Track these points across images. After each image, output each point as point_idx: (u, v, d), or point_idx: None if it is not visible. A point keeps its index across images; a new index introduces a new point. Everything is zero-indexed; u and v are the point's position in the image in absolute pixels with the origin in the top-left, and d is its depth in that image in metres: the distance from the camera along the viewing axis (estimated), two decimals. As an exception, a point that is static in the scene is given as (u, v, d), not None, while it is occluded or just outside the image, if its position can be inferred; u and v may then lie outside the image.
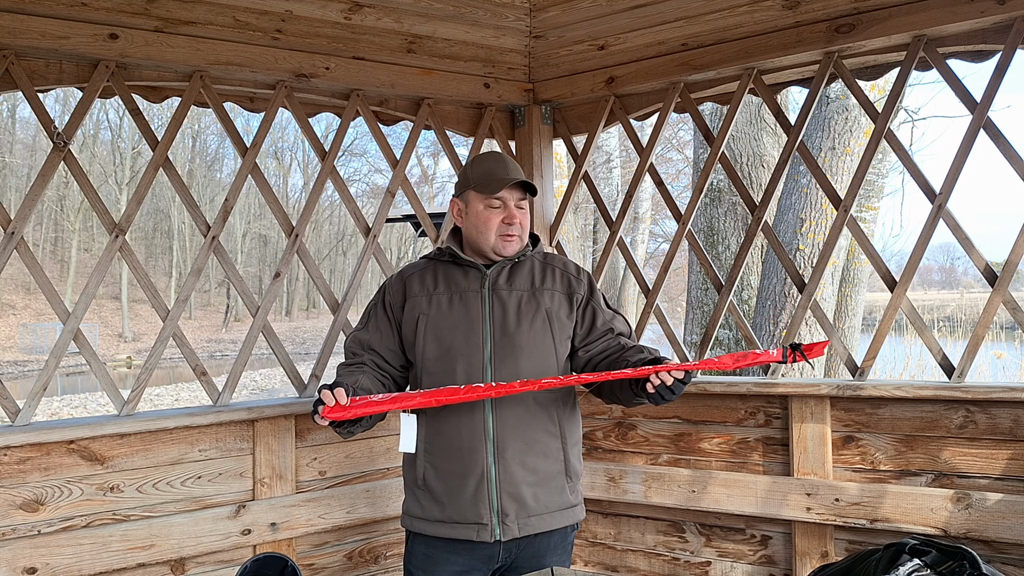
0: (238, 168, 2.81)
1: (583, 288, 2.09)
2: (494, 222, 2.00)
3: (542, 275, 2.07)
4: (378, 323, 2.08)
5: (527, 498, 1.95)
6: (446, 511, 1.96)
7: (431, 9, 2.94)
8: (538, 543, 1.99)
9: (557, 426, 2.01)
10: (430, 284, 2.05)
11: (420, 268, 2.11)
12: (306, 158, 41.56)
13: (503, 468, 1.93)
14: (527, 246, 2.09)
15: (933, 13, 2.46)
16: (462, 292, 2.01)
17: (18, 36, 2.37)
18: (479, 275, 2.04)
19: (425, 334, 1.99)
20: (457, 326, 1.98)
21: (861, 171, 2.69)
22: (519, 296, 2.02)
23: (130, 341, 31.19)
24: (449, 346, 1.97)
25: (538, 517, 1.96)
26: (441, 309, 2.01)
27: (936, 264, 63.21)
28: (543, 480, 1.98)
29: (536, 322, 1.99)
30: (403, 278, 2.10)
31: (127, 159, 34.17)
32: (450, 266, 2.07)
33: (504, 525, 1.93)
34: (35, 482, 2.35)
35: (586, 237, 14.81)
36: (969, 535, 2.39)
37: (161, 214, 38.26)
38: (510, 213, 2.00)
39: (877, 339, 2.66)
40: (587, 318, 2.07)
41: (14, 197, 30.10)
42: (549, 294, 2.04)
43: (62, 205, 35.42)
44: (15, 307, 31.07)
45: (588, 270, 2.22)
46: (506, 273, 2.05)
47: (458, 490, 1.94)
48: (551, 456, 1.99)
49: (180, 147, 37.16)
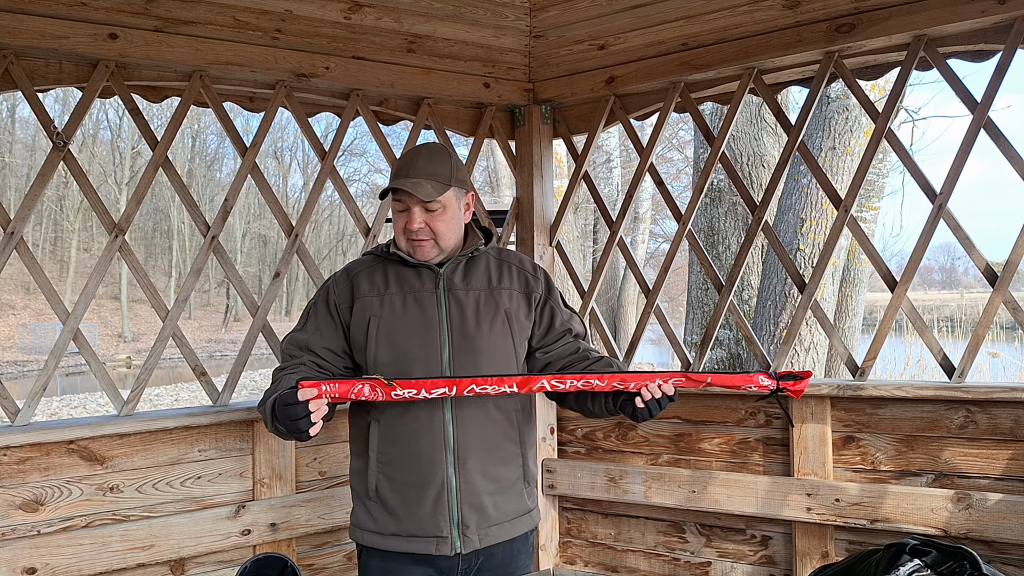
0: (238, 168, 2.81)
1: (541, 287, 2.00)
2: (399, 225, 1.89)
3: (499, 273, 1.97)
4: (319, 323, 1.94)
5: (488, 508, 1.87)
6: (402, 524, 1.86)
7: (431, 9, 2.94)
8: (500, 551, 1.92)
9: (517, 431, 1.94)
10: (380, 284, 1.92)
11: (368, 266, 1.98)
12: (306, 158, 41.60)
13: (464, 478, 1.84)
14: (478, 240, 1.97)
15: (933, 13, 2.46)
16: (416, 293, 1.90)
17: (18, 36, 2.37)
18: (432, 275, 1.92)
19: (377, 337, 1.87)
20: (412, 329, 1.87)
21: (861, 171, 2.69)
22: (477, 296, 1.92)
23: (130, 341, 31.19)
24: (405, 350, 1.85)
25: (499, 526, 1.89)
26: (395, 311, 1.89)
27: (936, 264, 63.25)
28: (503, 488, 1.90)
29: (496, 324, 1.90)
30: (349, 276, 1.97)
31: (127, 159, 34.17)
32: (400, 266, 1.94)
33: (465, 537, 1.84)
34: (35, 482, 2.35)
35: (586, 237, 14.81)
36: (969, 535, 2.39)
37: (161, 214, 38.25)
38: (410, 217, 1.85)
39: (877, 339, 2.65)
40: (545, 318, 1.99)
41: (14, 197, 30.09)
42: (507, 293, 1.95)
43: (62, 205, 35.41)
44: (15, 307, 31.06)
45: (544, 267, 2.14)
46: (461, 271, 1.94)
47: (416, 502, 1.84)
48: (511, 463, 1.92)
49: (180, 147, 37.17)
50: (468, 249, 1.95)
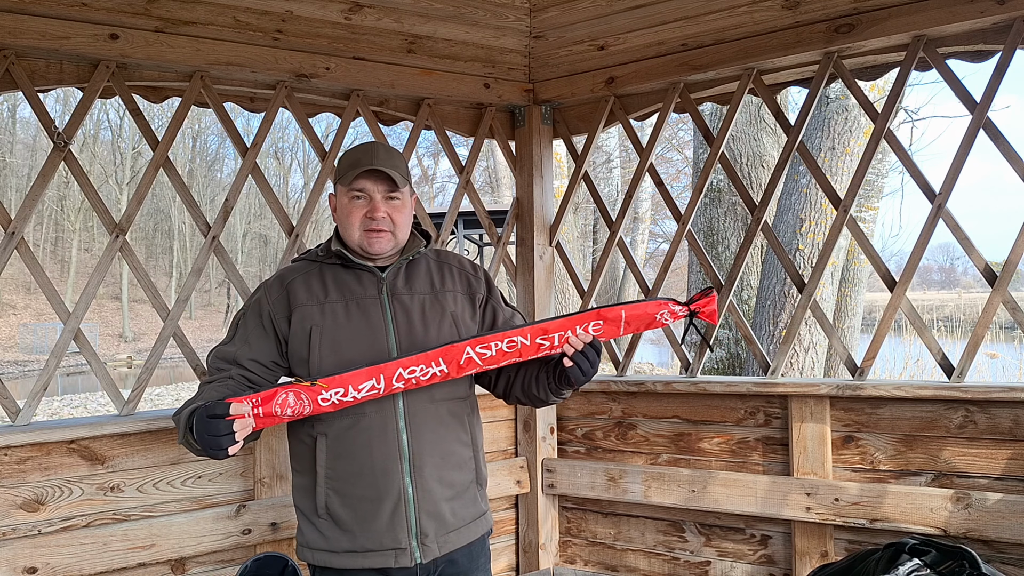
0: (238, 168, 2.81)
1: (482, 287, 1.98)
2: (357, 216, 1.82)
3: (440, 275, 1.94)
4: (248, 335, 1.86)
5: (446, 514, 1.83)
6: (357, 540, 1.79)
7: (431, 9, 2.95)
8: (459, 556, 1.88)
9: (469, 434, 1.91)
10: (319, 291, 1.85)
11: (303, 272, 1.90)
12: (306, 158, 41.62)
13: (421, 487, 1.79)
14: (419, 243, 1.94)
15: (933, 13, 2.46)
16: (359, 299, 1.84)
17: (19, 36, 2.37)
18: (374, 279, 1.87)
19: (321, 347, 1.79)
20: (357, 336, 1.81)
21: (861, 171, 2.70)
22: (421, 300, 1.87)
23: (130, 341, 31.20)
24: (351, 359, 1.77)
25: (456, 532, 1.85)
26: (337, 319, 1.82)
27: (936, 264, 63.26)
28: (459, 493, 1.87)
29: (443, 327, 1.86)
30: (284, 284, 1.88)
31: (127, 159, 34.18)
32: (338, 269, 1.88)
33: (424, 547, 1.80)
34: (35, 482, 2.35)
35: (586, 237, 14.82)
36: (969, 535, 2.39)
37: (161, 214, 38.26)
38: (373, 206, 1.80)
39: (877, 339, 2.66)
40: (488, 317, 1.97)
41: (14, 197, 30.10)
42: (451, 296, 1.91)
43: (62, 205, 35.42)
44: (15, 307, 31.07)
45: (485, 267, 2.09)
46: (403, 275, 1.90)
47: (371, 516, 1.78)
48: (465, 467, 1.89)
49: (180, 147, 37.18)
50: (411, 252, 1.91)
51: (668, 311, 1.86)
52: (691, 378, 2.92)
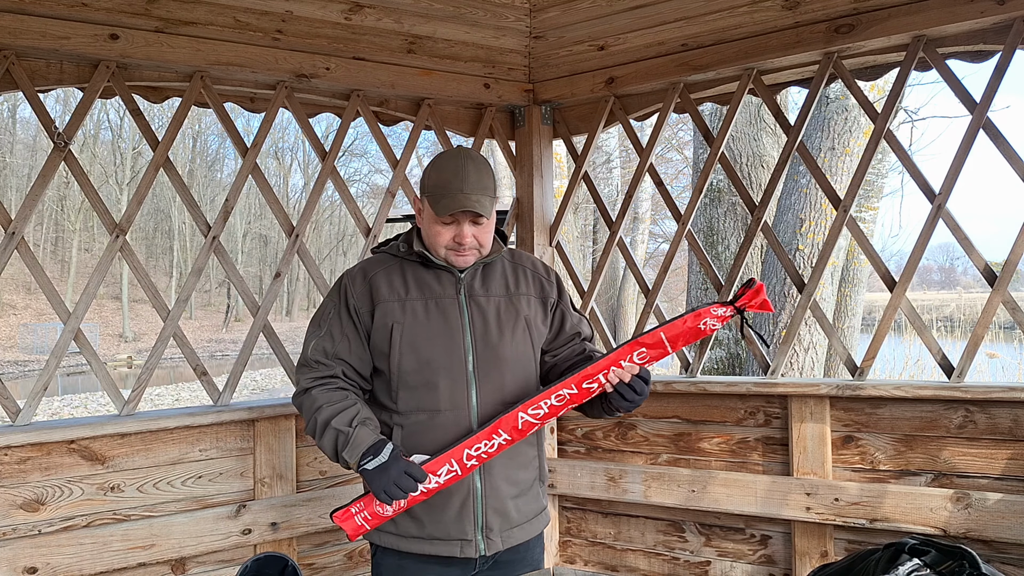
0: (238, 168, 2.81)
1: (554, 291, 2.01)
2: (444, 237, 1.85)
3: (515, 278, 1.97)
4: (343, 330, 1.90)
5: (511, 511, 1.90)
6: (425, 529, 1.87)
7: (431, 9, 2.95)
8: (517, 547, 1.95)
9: (535, 435, 1.95)
10: (400, 288, 1.89)
11: (385, 266, 1.94)
12: (306, 158, 41.62)
13: (489, 484, 1.86)
14: (498, 246, 1.97)
15: (933, 13, 2.46)
16: (437, 298, 1.88)
17: (19, 36, 2.37)
18: (452, 279, 1.90)
19: (401, 345, 1.84)
20: (436, 336, 1.85)
21: (861, 171, 2.70)
22: (497, 303, 1.91)
23: (131, 341, 31.20)
24: (429, 358, 1.84)
25: (519, 527, 1.93)
26: (417, 317, 1.86)
27: (936, 264, 63.26)
28: (523, 491, 1.94)
29: (517, 331, 1.90)
30: (367, 278, 1.92)
31: (127, 159, 34.18)
32: (418, 267, 1.92)
33: (488, 540, 1.87)
34: (35, 482, 2.35)
35: (586, 237, 14.81)
36: (969, 535, 2.39)
37: (162, 214, 38.27)
38: (461, 232, 1.83)
39: (877, 339, 2.66)
40: (557, 322, 2.00)
41: (15, 197, 30.10)
42: (525, 299, 1.95)
43: (63, 205, 35.42)
44: (16, 307, 31.07)
45: (556, 269, 2.13)
46: (480, 277, 1.93)
47: (441, 508, 1.85)
48: (529, 465, 1.95)
49: (180, 147, 37.17)
50: (491, 256, 1.94)
51: (711, 317, 1.77)
52: (691, 378, 2.92)
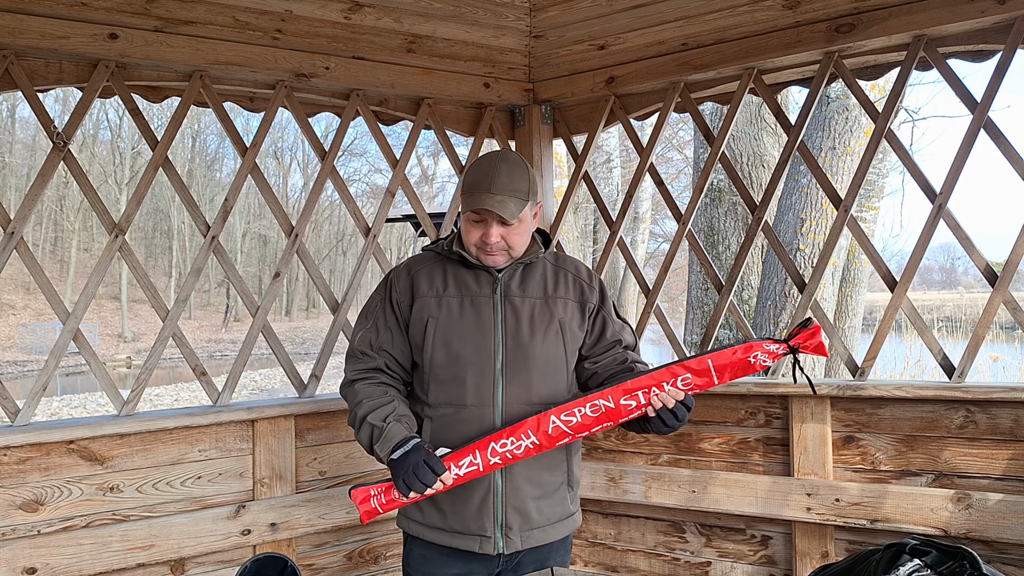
0: (238, 168, 2.81)
1: (595, 296, 2.01)
2: (473, 235, 1.88)
3: (555, 281, 1.98)
4: (387, 322, 1.96)
5: (531, 512, 1.91)
6: (447, 521, 1.90)
7: (431, 9, 2.94)
8: (540, 549, 1.96)
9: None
10: (439, 284, 1.93)
11: (428, 263, 1.99)
12: (306, 158, 41.64)
13: (510, 483, 1.88)
14: (538, 247, 1.99)
15: (933, 13, 2.46)
16: (473, 296, 1.91)
17: (18, 36, 2.37)
18: (490, 279, 1.93)
19: (434, 339, 1.89)
20: (467, 333, 1.88)
21: (861, 171, 2.69)
22: (532, 304, 1.92)
23: (130, 341, 31.19)
24: (458, 354, 1.87)
25: (540, 529, 1.93)
26: (451, 313, 1.90)
27: (936, 264, 63.32)
28: (547, 493, 1.94)
29: (549, 333, 1.91)
30: (410, 274, 1.97)
31: (127, 159, 34.17)
32: (459, 266, 1.95)
33: (507, 538, 1.89)
34: (35, 482, 2.35)
35: (586, 237, 14.81)
36: (969, 535, 2.39)
37: (161, 214, 38.25)
38: (487, 232, 1.85)
39: (877, 339, 2.65)
40: (597, 328, 2.00)
41: (14, 197, 30.11)
42: (563, 303, 1.95)
43: (62, 205, 35.42)
44: (15, 307, 31.06)
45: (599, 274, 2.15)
46: (518, 277, 1.95)
47: (462, 501, 1.88)
48: (556, 468, 1.95)
49: (180, 147, 37.19)
50: (528, 256, 1.95)
51: (763, 352, 1.74)
52: (691, 378, 2.91)
